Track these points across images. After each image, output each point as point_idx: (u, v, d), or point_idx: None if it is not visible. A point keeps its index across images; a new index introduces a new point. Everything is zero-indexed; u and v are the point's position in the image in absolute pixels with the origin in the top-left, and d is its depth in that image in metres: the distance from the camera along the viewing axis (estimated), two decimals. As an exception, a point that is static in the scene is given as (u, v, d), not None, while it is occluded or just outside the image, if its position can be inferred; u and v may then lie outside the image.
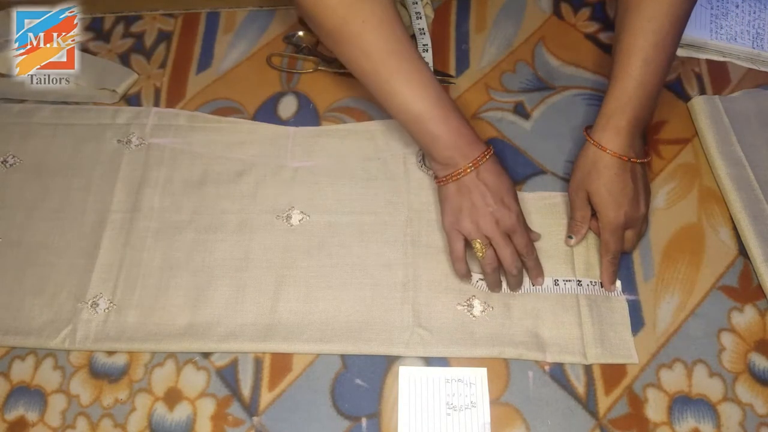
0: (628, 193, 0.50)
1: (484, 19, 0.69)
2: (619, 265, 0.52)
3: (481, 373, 0.49)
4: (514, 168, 0.59)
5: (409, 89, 0.50)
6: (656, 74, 0.51)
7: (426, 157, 0.55)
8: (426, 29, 0.65)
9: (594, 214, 0.53)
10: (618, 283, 0.52)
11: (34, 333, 0.52)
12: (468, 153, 0.50)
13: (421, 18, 0.65)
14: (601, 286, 0.52)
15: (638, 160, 0.51)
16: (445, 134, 0.50)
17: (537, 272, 0.52)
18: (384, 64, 0.50)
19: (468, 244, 0.51)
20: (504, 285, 0.52)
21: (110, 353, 0.51)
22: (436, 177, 0.53)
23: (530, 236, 0.52)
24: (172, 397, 0.49)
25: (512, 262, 0.50)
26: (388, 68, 0.50)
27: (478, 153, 0.50)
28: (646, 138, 0.59)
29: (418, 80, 0.50)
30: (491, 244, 0.50)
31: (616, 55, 0.52)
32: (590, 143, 0.52)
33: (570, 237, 0.54)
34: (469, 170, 0.50)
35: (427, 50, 0.64)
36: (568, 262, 0.54)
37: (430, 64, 0.63)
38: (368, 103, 0.64)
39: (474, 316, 0.51)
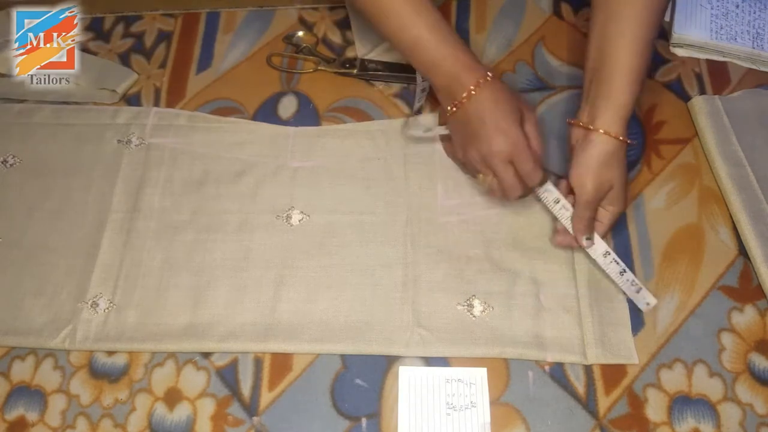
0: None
1: (484, 19, 0.69)
2: None
3: (481, 373, 0.49)
4: (514, 168, 0.59)
5: (405, 16, 0.50)
6: (647, 57, 0.50)
7: (432, 90, 0.55)
8: None
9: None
10: (650, 297, 0.50)
11: (34, 333, 0.52)
12: (464, 81, 0.50)
13: None
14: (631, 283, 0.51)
15: (629, 141, 0.50)
16: (440, 60, 0.50)
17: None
18: None
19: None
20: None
21: (110, 353, 0.51)
22: (442, 115, 0.53)
23: (535, 162, 0.50)
24: (172, 397, 0.49)
25: (510, 188, 0.50)
26: None
27: (473, 80, 0.49)
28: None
29: (413, 7, 0.50)
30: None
31: (608, 44, 0.50)
32: (601, 135, 0.49)
33: (589, 238, 0.51)
34: (465, 100, 0.50)
35: None
36: (568, 263, 0.54)
37: None
38: (368, 103, 0.64)
39: (474, 316, 0.51)
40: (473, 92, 0.49)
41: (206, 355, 0.51)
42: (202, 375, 0.50)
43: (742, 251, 0.54)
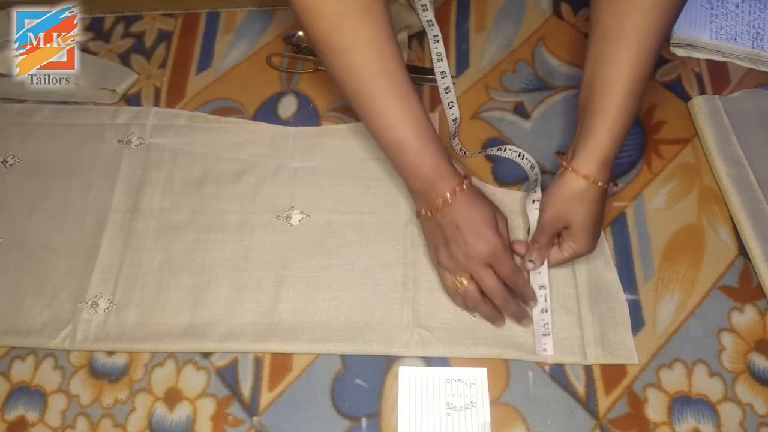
0: (600, 221, 0.50)
1: (484, 19, 0.69)
2: None
3: (481, 373, 0.49)
4: (514, 168, 0.59)
5: (390, 114, 0.48)
6: (635, 104, 0.48)
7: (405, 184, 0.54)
8: (434, 20, 0.65)
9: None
10: (551, 347, 0.50)
11: (34, 333, 0.52)
12: (440, 188, 0.48)
13: (427, 9, 0.65)
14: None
15: (607, 186, 0.49)
16: (419, 165, 0.49)
17: (526, 297, 0.51)
18: (368, 83, 0.48)
19: None
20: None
21: (110, 353, 0.51)
22: (416, 212, 0.52)
23: (514, 263, 0.50)
24: (172, 397, 0.49)
25: (494, 291, 0.49)
26: (371, 89, 0.48)
27: (449, 188, 0.48)
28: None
29: (399, 106, 0.48)
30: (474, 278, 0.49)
31: (596, 85, 0.48)
32: (571, 172, 0.48)
33: (532, 261, 0.51)
34: (440, 207, 0.49)
35: (438, 41, 0.64)
36: (568, 263, 0.53)
37: (442, 55, 0.63)
38: (368, 103, 0.64)
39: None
40: (449, 200, 0.48)
41: (206, 355, 0.51)
42: (202, 375, 0.50)
43: (742, 251, 0.54)
